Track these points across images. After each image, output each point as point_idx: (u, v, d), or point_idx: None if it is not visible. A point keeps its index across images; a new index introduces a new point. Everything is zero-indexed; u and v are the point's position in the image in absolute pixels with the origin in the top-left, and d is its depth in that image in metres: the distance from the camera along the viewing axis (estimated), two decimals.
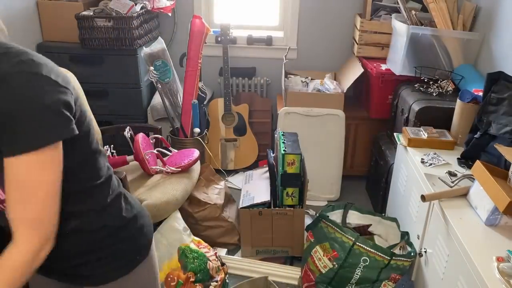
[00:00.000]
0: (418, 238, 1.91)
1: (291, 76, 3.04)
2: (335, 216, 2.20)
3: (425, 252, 1.83)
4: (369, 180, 2.93)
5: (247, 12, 3.36)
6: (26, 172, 0.86)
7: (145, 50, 2.78)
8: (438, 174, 1.87)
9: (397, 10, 2.80)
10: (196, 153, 2.27)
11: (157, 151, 2.23)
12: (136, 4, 2.77)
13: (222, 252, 2.35)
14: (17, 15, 2.59)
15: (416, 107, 2.28)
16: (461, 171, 1.90)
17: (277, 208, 2.24)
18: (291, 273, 2.20)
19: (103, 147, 2.27)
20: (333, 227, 1.96)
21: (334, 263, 1.90)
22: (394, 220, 2.19)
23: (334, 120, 2.74)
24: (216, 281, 1.93)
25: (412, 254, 1.91)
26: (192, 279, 1.87)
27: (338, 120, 2.75)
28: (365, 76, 2.86)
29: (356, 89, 3.11)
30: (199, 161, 2.30)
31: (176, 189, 2.05)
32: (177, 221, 2.04)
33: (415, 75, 2.52)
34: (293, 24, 3.23)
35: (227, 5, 3.33)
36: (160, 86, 2.82)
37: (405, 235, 2.04)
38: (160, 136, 2.35)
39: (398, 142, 2.20)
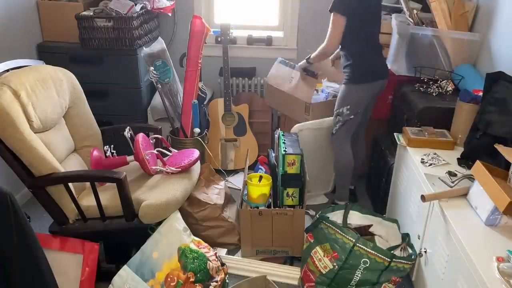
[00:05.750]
0: (419, 238, 1.91)
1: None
2: (336, 216, 2.20)
3: (425, 252, 1.83)
4: (369, 180, 2.93)
5: (247, 12, 3.36)
6: None
7: (145, 50, 2.78)
8: (438, 174, 1.87)
9: (397, 10, 2.80)
10: (196, 153, 2.27)
11: (157, 151, 2.23)
12: (136, 4, 2.77)
13: (222, 252, 2.35)
14: (17, 15, 2.59)
15: (416, 107, 2.28)
16: (461, 171, 1.90)
17: (277, 208, 2.24)
18: (291, 273, 2.20)
19: (103, 147, 2.27)
20: (334, 228, 1.96)
21: (335, 264, 1.90)
22: (395, 221, 2.18)
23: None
24: (216, 281, 1.93)
25: (413, 256, 1.90)
26: (192, 279, 1.87)
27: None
28: None
29: None
30: (199, 161, 2.30)
31: (176, 189, 2.04)
32: (177, 221, 2.04)
33: (415, 75, 2.52)
34: (293, 24, 3.23)
35: (227, 5, 3.33)
36: (160, 86, 2.82)
37: (406, 237, 2.04)
38: (160, 136, 2.35)
39: (398, 142, 2.20)
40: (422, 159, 2.00)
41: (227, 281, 2.08)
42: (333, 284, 1.93)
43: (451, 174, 1.86)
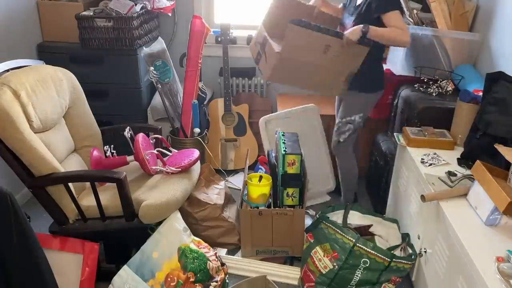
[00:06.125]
0: (419, 238, 1.91)
1: None
2: (336, 217, 2.20)
3: (425, 252, 1.83)
4: (369, 180, 2.93)
5: (247, 12, 3.36)
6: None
7: (145, 50, 2.78)
8: (438, 174, 1.87)
9: None
10: (196, 153, 2.27)
11: (157, 151, 2.23)
12: (136, 4, 2.77)
13: (222, 252, 2.35)
14: (17, 15, 2.59)
15: (416, 107, 2.28)
16: (461, 171, 1.90)
17: (277, 208, 2.24)
18: (291, 273, 2.20)
19: (103, 147, 2.27)
20: (334, 228, 1.96)
21: (335, 264, 1.90)
22: (395, 221, 2.18)
23: (311, 113, 2.81)
24: (216, 281, 1.93)
25: (413, 256, 1.90)
26: (192, 279, 1.87)
27: (314, 114, 2.81)
28: None
29: None
30: (199, 161, 2.30)
31: (176, 189, 2.05)
32: (177, 221, 2.04)
33: (415, 75, 2.52)
34: None
35: (227, 5, 3.33)
36: (160, 86, 2.82)
37: (406, 237, 2.04)
38: (160, 136, 2.35)
39: (398, 142, 2.20)
40: (422, 159, 2.00)
41: (227, 281, 2.08)
42: (333, 284, 1.93)
43: (451, 174, 1.87)
